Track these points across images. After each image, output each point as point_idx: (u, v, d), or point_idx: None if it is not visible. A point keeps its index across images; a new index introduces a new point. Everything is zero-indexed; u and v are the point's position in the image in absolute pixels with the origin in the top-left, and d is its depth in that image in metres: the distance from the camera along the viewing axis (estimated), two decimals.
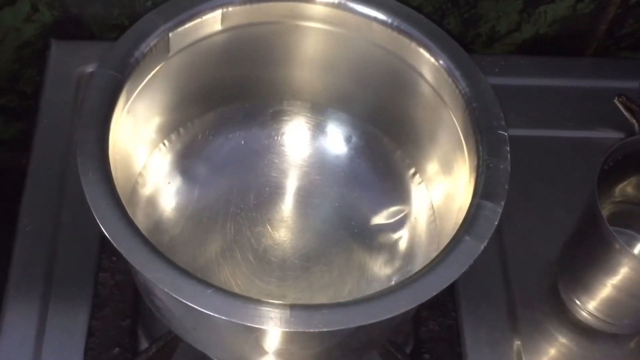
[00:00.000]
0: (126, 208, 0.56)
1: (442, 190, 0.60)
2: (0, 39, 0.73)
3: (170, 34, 0.54)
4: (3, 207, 0.66)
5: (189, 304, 0.44)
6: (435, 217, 0.60)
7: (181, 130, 0.62)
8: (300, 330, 0.44)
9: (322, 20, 0.58)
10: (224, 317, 0.44)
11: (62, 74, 0.70)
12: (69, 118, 0.68)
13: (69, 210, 0.63)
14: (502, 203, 0.50)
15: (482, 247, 0.48)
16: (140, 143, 0.59)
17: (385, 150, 0.64)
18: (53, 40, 0.72)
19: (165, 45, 0.55)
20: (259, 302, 0.45)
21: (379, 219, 0.62)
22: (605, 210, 0.63)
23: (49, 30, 0.72)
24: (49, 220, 0.63)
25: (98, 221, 0.46)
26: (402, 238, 0.61)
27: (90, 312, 0.59)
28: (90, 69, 0.70)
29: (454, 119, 0.55)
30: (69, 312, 0.59)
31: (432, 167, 0.60)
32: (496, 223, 0.49)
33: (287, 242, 0.61)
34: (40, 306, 0.59)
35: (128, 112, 0.54)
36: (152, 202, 0.60)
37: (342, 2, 0.57)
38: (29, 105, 0.77)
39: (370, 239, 0.61)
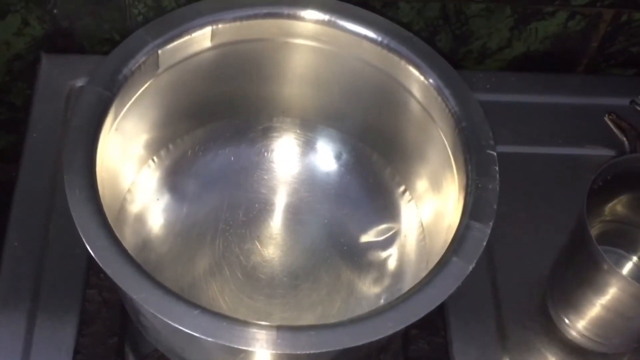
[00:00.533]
0: (114, 225, 0.56)
1: (431, 208, 0.60)
2: None
3: (159, 51, 0.54)
4: None
5: (175, 325, 0.44)
6: (425, 235, 0.60)
7: (170, 146, 0.62)
8: (287, 352, 0.44)
9: (312, 37, 0.58)
10: (210, 339, 0.44)
11: (52, 87, 0.70)
12: (59, 132, 0.67)
13: (57, 226, 0.63)
14: (491, 224, 0.50)
15: (470, 269, 0.48)
16: (129, 160, 0.59)
17: (375, 168, 0.64)
18: (43, 53, 0.71)
19: (155, 62, 0.54)
20: (245, 323, 0.45)
21: (369, 236, 0.62)
22: (595, 229, 0.63)
23: (39, 43, 0.72)
24: (37, 236, 0.62)
25: (84, 240, 0.46)
26: (391, 256, 0.61)
27: (78, 329, 0.58)
28: (80, 82, 0.70)
29: (443, 137, 0.55)
30: (56, 328, 0.59)
31: (422, 184, 0.60)
32: (484, 244, 0.49)
33: (276, 259, 0.61)
34: (27, 322, 0.59)
35: (117, 129, 0.54)
36: (140, 218, 0.60)
37: (332, 20, 0.57)
38: (19, 118, 0.77)
39: (359, 257, 0.61)
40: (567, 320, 0.61)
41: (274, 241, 0.62)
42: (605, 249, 0.59)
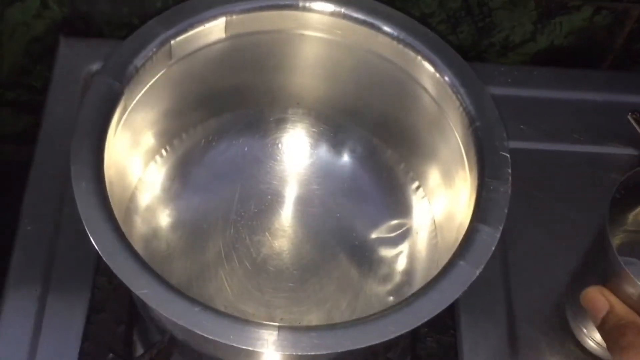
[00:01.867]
0: (125, 215, 0.56)
1: (444, 205, 0.59)
2: (10, 34, 0.73)
3: (172, 42, 0.54)
4: (12, 201, 0.65)
5: (176, 321, 0.44)
6: (437, 233, 0.60)
7: (184, 135, 0.62)
8: (287, 353, 0.44)
9: (327, 30, 0.57)
10: (210, 337, 0.43)
11: (70, 71, 0.70)
12: (75, 116, 0.67)
13: (70, 211, 0.63)
14: (501, 228, 0.49)
15: (477, 273, 0.47)
16: (141, 149, 0.58)
17: (389, 163, 0.63)
18: (62, 37, 0.71)
19: (167, 52, 0.54)
20: (246, 322, 0.44)
21: (380, 232, 0.61)
22: (617, 239, 0.61)
23: (58, 26, 0.72)
24: (50, 221, 0.62)
25: (88, 233, 0.46)
26: (402, 253, 0.60)
27: (87, 316, 0.59)
28: (98, 67, 0.70)
29: (457, 135, 0.54)
30: (65, 314, 0.59)
31: (435, 182, 0.60)
32: (493, 248, 0.48)
33: (286, 252, 0.60)
34: (37, 307, 0.59)
35: (127, 119, 0.53)
36: (151, 208, 0.60)
37: (348, 13, 0.56)
38: (38, 100, 0.77)
39: (370, 253, 0.60)
40: (585, 330, 0.60)
41: (284, 233, 0.61)
42: (627, 260, 0.57)
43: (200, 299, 0.45)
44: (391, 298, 0.59)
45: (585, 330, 0.60)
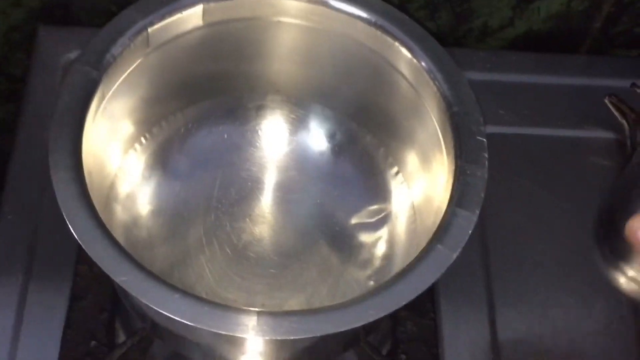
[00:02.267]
0: (105, 203, 0.56)
1: (422, 190, 0.59)
2: None
3: (149, 30, 0.54)
4: None
5: (156, 308, 0.44)
6: (416, 217, 0.60)
7: (163, 123, 0.62)
8: (267, 338, 0.44)
9: (305, 17, 0.57)
10: (190, 323, 0.44)
11: (49, 59, 0.70)
12: (54, 105, 0.67)
13: (51, 200, 0.62)
14: (477, 212, 0.49)
15: (454, 257, 0.47)
16: (120, 137, 0.59)
17: (369, 148, 0.63)
18: (41, 25, 0.71)
19: (145, 40, 0.54)
20: (226, 308, 0.45)
21: (360, 217, 0.62)
22: None
23: (36, 15, 0.72)
24: (31, 209, 0.62)
25: (67, 221, 0.46)
26: (382, 237, 0.61)
27: (68, 304, 0.59)
28: (77, 54, 0.69)
29: (434, 120, 0.55)
30: (47, 302, 0.59)
31: (414, 166, 0.60)
32: (470, 232, 0.48)
33: (267, 238, 0.61)
34: (19, 296, 0.59)
35: (105, 107, 0.53)
36: (132, 196, 0.60)
37: None
38: (19, 89, 0.77)
39: (350, 238, 0.61)
40: (621, 265, 0.57)
41: (265, 220, 0.62)
42: None
43: (182, 286, 0.46)
44: (372, 282, 0.59)
45: (621, 266, 0.57)
